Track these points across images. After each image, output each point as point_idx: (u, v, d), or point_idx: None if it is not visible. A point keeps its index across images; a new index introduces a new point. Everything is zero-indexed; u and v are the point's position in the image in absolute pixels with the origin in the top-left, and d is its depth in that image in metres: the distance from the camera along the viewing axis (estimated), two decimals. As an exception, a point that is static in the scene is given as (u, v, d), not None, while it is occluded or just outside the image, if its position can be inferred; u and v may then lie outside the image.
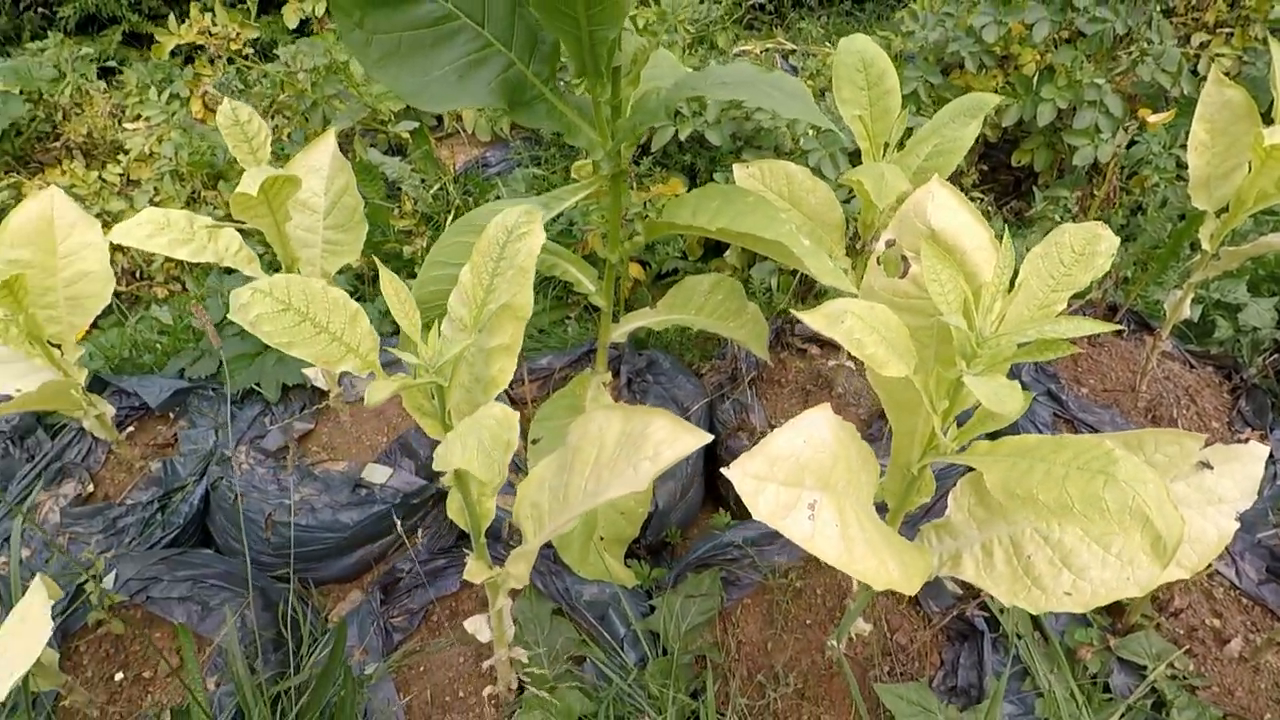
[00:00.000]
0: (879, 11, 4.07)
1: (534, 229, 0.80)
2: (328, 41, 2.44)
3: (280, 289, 0.77)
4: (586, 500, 0.96)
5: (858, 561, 0.78)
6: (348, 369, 0.79)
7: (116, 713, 1.38)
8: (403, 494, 1.66)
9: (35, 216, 1.52)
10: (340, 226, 1.63)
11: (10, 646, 0.92)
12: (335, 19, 1.10)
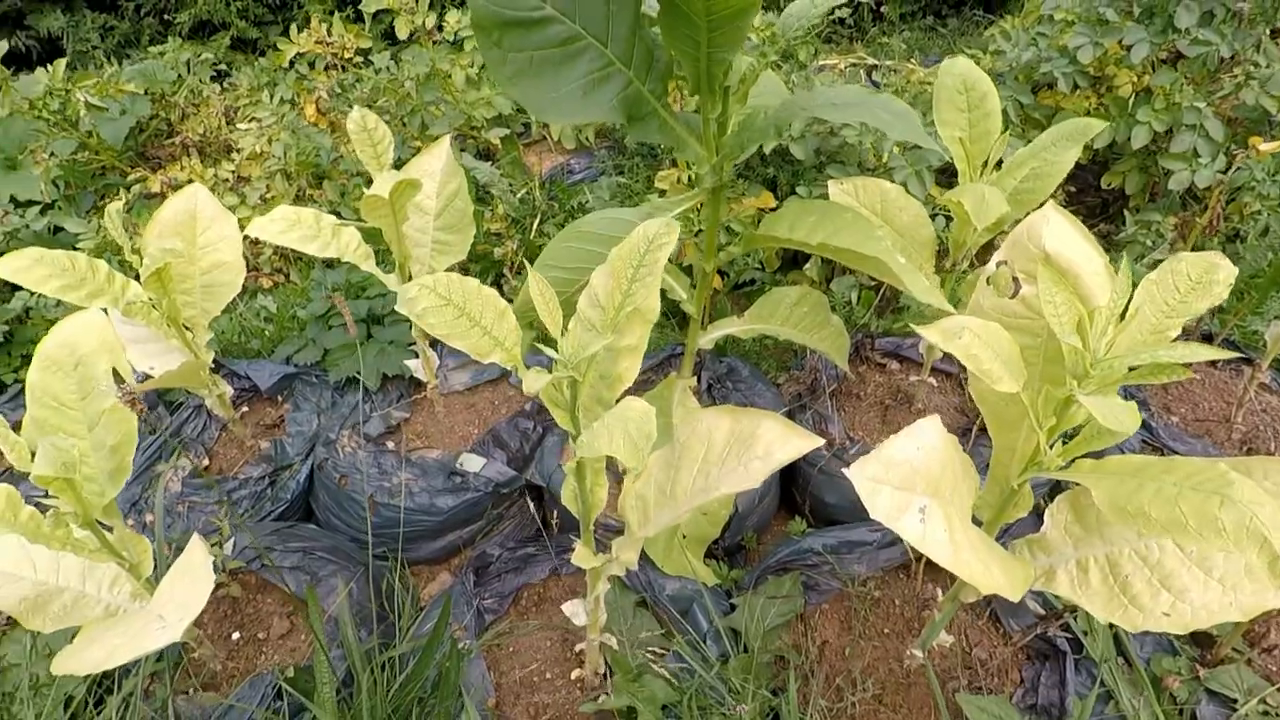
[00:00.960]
0: (962, 28, 4.04)
1: (673, 239, 0.87)
2: (431, 52, 2.57)
3: (443, 286, 0.85)
4: (696, 496, 1.02)
5: (966, 565, 0.82)
6: (495, 360, 0.86)
7: (235, 668, 1.49)
8: (494, 483, 1.75)
9: (180, 210, 1.66)
10: (450, 228, 1.73)
11: (178, 595, 1.02)
12: (476, 37, 1.19)
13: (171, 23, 4.45)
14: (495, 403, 2.03)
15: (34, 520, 1.07)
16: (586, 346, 0.85)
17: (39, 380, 1.09)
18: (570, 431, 0.96)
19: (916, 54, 3.61)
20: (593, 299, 0.98)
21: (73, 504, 1.07)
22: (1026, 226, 0.96)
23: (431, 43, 2.57)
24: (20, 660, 1.49)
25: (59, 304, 2.50)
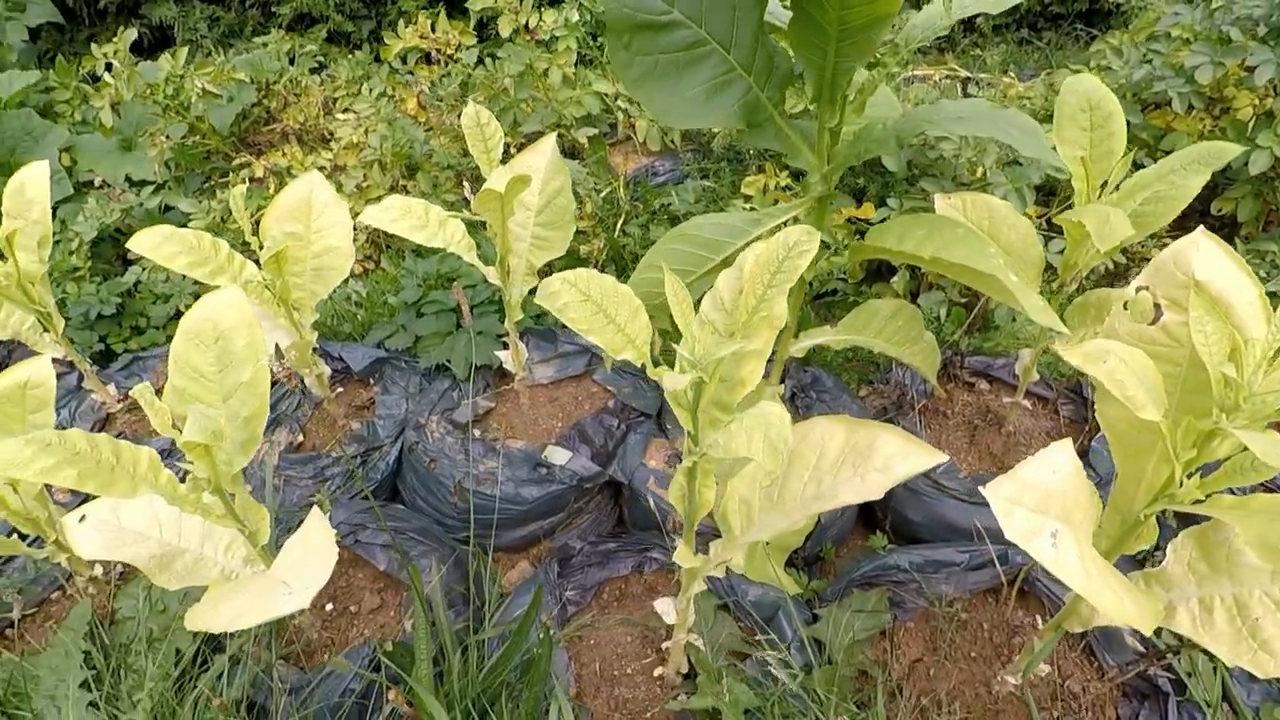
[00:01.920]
0: (1060, 42, 3.92)
1: (814, 246, 0.87)
2: (529, 50, 2.62)
3: (583, 282, 0.87)
4: (808, 505, 1.02)
5: (1098, 593, 0.80)
6: (627, 358, 0.88)
7: (328, 638, 1.55)
8: (579, 477, 1.77)
9: (298, 197, 1.73)
10: (551, 224, 1.76)
11: (300, 564, 1.07)
12: (607, 39, 1.22)
13: (274, 14, 4.64)
14: (578, 398, 2.06)
15: (170, 483, 1.14)
16: (716, 349, 0.86)
17: (181, 351, 1.16)
18: (690, 431, 0.97)
19: (1012, 67, 3.51)
20: (717, 302, 0.99)
21: (207, 470, 1.13)
22: (1173, 253, 0.93)
23: (531, 41, 2.63)
24: (133, 614, 1.58)
25: (166, 279, 2.64)
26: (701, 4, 1.25)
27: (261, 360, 1.14)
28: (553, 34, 2.74)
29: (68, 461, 1.02)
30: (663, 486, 1.80)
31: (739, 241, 1.45)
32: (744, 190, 2.62)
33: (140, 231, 1.59)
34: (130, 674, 1.44)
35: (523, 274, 1.81)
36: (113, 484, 1.05)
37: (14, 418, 1.35)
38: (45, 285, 1.85)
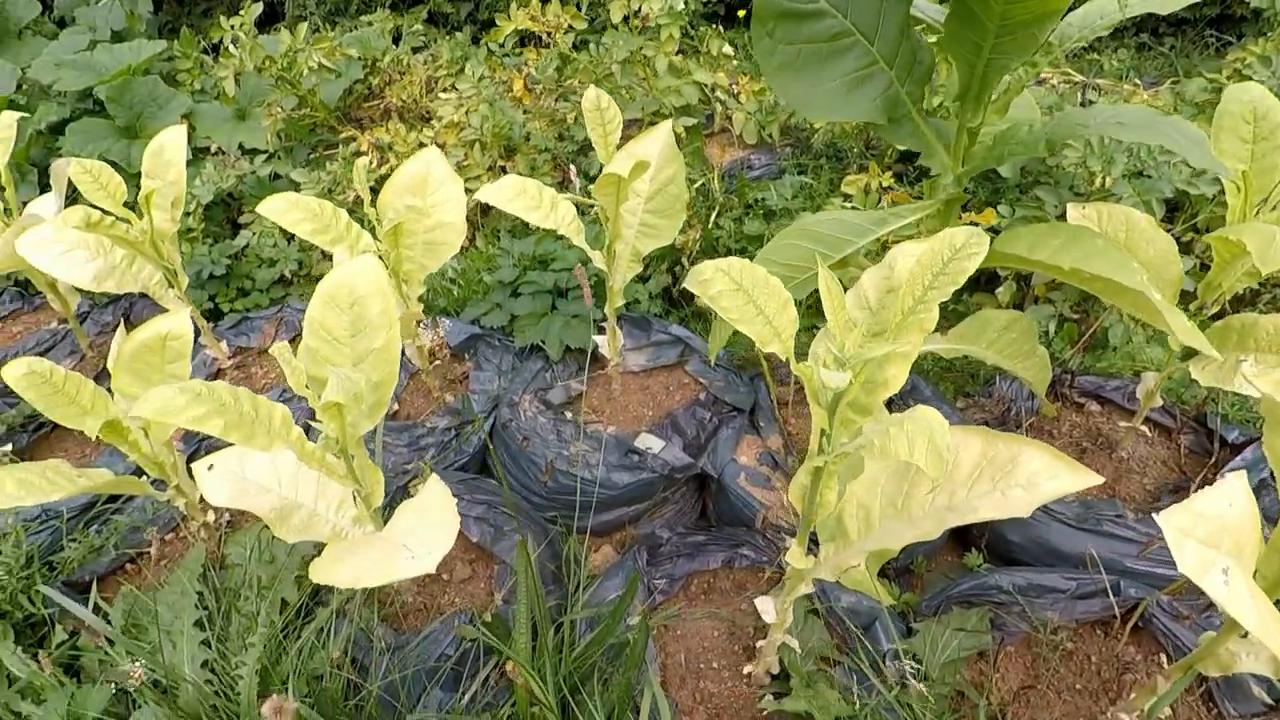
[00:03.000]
0: (1184, 48, 3.70)
1: (983, 249, 0.84)
2: (636, 37, 2.62)
3: (735, 270, 0.86)
4: (940, 516, 0.98)
5: (1273, 635, 0.75)
6: (773, 350, 0.87)
7: (420, 603, 1.59)
8: (671, 467, 1.77)
9: (416, 172, 1.77)
10: (660, 212, 1.76)
11: (420, 530, 1.10)
12: (753, 27, 1.20)
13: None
14: (670, 388, 2.05)
15: (300, 440, 1.18)
16: (868, 349, 0.84)
17: (317, 315, 1.19)
18: (825, 430, 0.95)
19: (1131, 73, 3.33)
20: (861, 300, 0.96)
21: (336, 431, 1.17)
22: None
23: (638, 28, 2.62)
24: (241, 561, 1.65)
25: (274, 244, 2.74)
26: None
27: (394, 328, 1.17)
28: (657, 22, 2.73)
29: (215, 412, 1.07)
30: (753, 484, 1.78)
31: (860, 240, 1.42)
32: (844, 189, 2.56)
33: (270, 197, 1.65)
34: (239, 617, 1.51)
35: (627, 260, 1.81)
36: (253, 436, 1.09)
37: (153, 366, 1.42)
38: (174, 244, 1.94)
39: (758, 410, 1.93)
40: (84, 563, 1.69)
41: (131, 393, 1.44)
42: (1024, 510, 0.89)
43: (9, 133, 1.98)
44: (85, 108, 3.28)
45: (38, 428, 2.09)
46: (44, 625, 1.61)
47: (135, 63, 3.28)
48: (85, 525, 1.77)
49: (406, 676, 1.35)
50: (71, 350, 2.42)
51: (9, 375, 1.38)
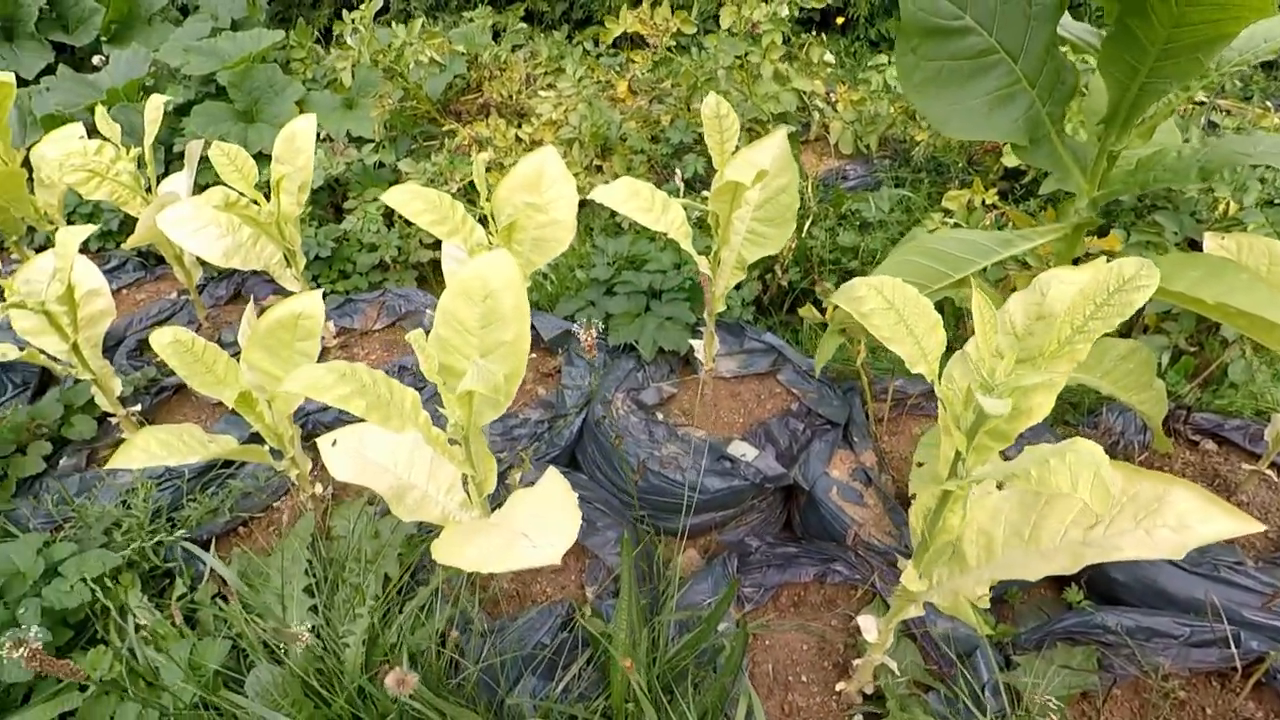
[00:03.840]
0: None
1: (1154, 282, 0.82)
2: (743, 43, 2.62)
3: (888, 289, 0.86)
4: (1076, 551, 0.96)
5: None
6: (920, 371, 0.86)
7: (513, 590, 1.63)
8: (764, 476, 1.77)
9: (532, 169, 1.81)
10: (769, 220, 1.75)
11: (539, 520, 1.13)
12: (897, 42, 1.19)
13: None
14: (760, 396, 2.05)
15: (427, 424, 1.22)
16: (1021, 377, 0.83)
17: (450, 305, 1.24)
18: (961, 454, 0.94)
19: (1256, 94, 3.16)
20: (1006, 325, 0.95)
21: (463, 419, 1.21)
22: None
23: (743, 34, 2.62)
24: (345, 534, 1.73)
25: (377, 231, 2.84)
26: (995, 11, 1.19)
27: (524, 323, 1.21)
28: (763, 28, 2.72)
29: (358, 392, 1.12)
30: (846, 499, 1.77)
31: (983, 261, 1.39)
32: (945, 204, 2.51)
33: (395, 187, 1.71)
34: (345, 588, 1.57)
35: (731, 267, 1.82)
36: (389, 418, 1.14)
37: (284, 342, 1.50)
38: (296, 226, 2.04)
39: (852, 425, 1.91)
40: (201, 522, 1.79)
41: (263, 366, 1.52)
42: (1175, 552, 0.86)
43: (157, 114, 2.12)
44: (208, 91, 3.47)
45: (159, 391, 2.22)
46: (165, 578, 1.72)
47: (255, 50, 3.44)
48: (202, 488, 1.87)
49: (505, 661, 1.39)
50: (189, 320, 2.56)
51: (157, 342, 1.47)
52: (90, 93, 3.42)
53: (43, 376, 2.35)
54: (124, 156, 2.12)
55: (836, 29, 4.50)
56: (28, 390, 2.30)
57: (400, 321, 2.44)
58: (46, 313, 1.71)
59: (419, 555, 1.65)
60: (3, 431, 1.93)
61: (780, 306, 2.61)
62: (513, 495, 1.30)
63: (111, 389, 1.92)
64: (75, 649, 1.56)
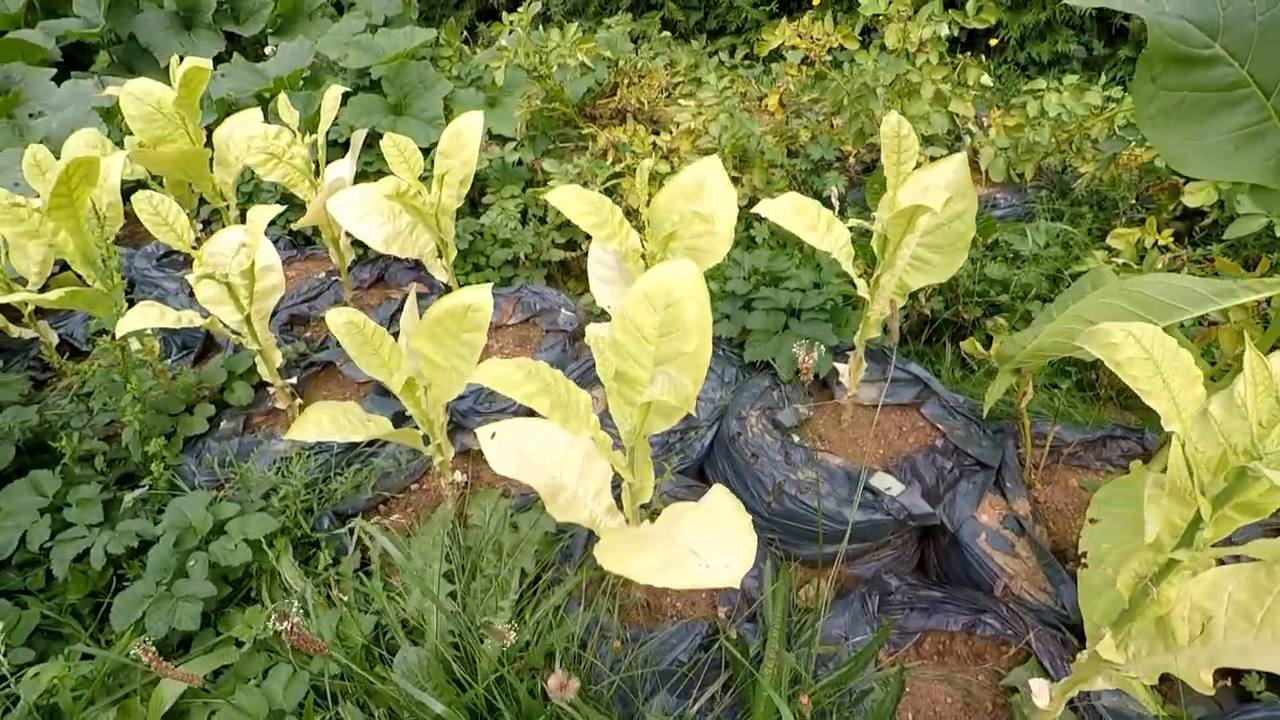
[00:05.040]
0: None
1: None
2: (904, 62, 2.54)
3: (1146, 338, 0.79)
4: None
5: None
6: (1174, 429, 0.79)
7: (645, 601, 1.62)
8: (908, 513, 1.69)
9: (694, 178, 1.80)
10: (938, 247, 1.68)
11: (711, 537, 1.10)
12: (1138, 68, 1.11)
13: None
14: (902, 428, 1.97)
15: (596, 427, 1.22)
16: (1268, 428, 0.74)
17: (630, 310, 1.23)
18: (1201, 521, 0.85)
19: None
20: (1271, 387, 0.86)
21: (635, 425, 1.20)
22: None
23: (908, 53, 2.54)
24: (480, 523, 1.76)
25: (513, 228, 2.91)
26: (1251, 40, 1.09)
27: (707, 334, 1.19)
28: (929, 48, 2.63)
29: (543, 391, 1.13)
30: (994, 547, 1.67)
31: (1195, 311, 1.28)
32: (1110, 241, 2.35)
33: (560, 188, 1.73)
34: (481, 578, 1.60)
35: (889, 292, 1.75)
36: (568, 420, 1.14)
37: (450, 332, 1.53)
38: (451, 219, 2.10)
39: (1005, 469, 1.80)
40: (345, 497, 1.86)
41: (426, 353, 1.57)
42: None
43: (334, 104, 2.23)
44: (361, 84, 3.65)
45: (308, 366, 2.33)
46: (310, 548, 1.79)
47: (408, 47, 3.60)
48: (346, 464, 1.95)
49: (644, 674, 1.37)
50: (335, 299, 2.68)
51: (332, 321, 1.54)
52: (258, 80, 3.66)
53: (205, 343, 2.51)
54: (299, 142, 2.25)
55: (982, 48, 4.32)
56: (191, 354, 2.47)
57: (534, 318, 2.48)
58: (229, 285, 1.81)
59: (554, 554, 1.66)
60: (175, 391, 2.06)
61: (918, 335, 2.51)
62: (671, 508, 1.28)
63: (273, 360, 2.02)
64: (232, 605, 1.64)
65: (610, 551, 1.14)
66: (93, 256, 1.86)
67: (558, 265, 3.08)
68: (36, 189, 1.90)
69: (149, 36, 4.13)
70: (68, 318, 2.67)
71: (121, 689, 1.48)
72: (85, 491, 1.73)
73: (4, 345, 2.46)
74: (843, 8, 4.38)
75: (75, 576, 1.69)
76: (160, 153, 2.37)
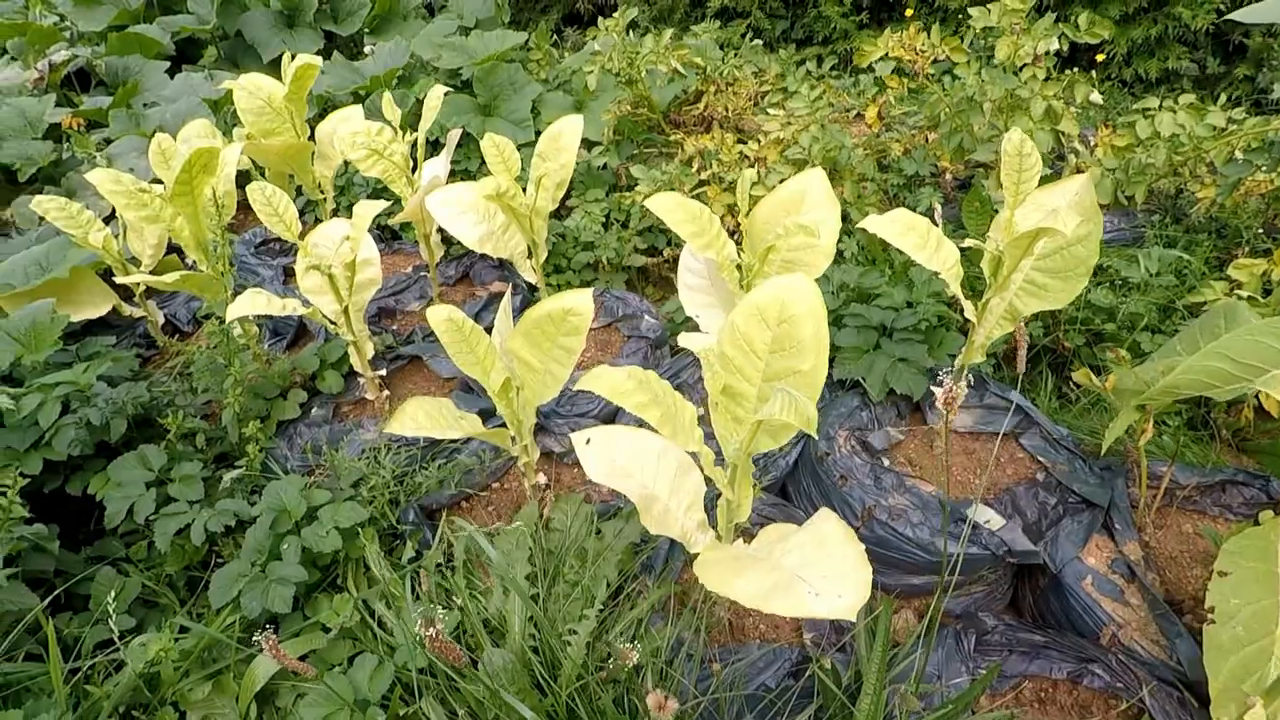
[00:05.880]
0: None
1: None
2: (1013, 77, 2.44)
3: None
4: None
5: None
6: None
7: (729, 620, 1.58)
8: (1008, 549, 1.61)
9: (795, 191, 1.76)
10: (1055, 272, 1.60)
11: (821, 565, 1.06)
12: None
13: (703, 4, 4.95)
14: (1000, 459, 1.88)
15: (700, 441, 1.20)
16: None
17: (740, 323, 1.20)
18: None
19: None
20: None
21: (743, 443, 1.17)
22: None
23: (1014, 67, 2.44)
24: (562, 527, 1.75)
25: (596, 231, 2.91)
26: None
27: (823, 353, 1.15)
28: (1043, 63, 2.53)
29: (653, 402, 1.11)
30: (1102, 592, 1.57)
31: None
32: (1231, 272, 2.20)
33: (660, 194, 1.72)
34: (564, 583, 1.59)
35: (998, 315, 1.68)
36: (676, 433, 1.12)
37: (548, 335, 1.53)
38: (545, 221, 2.11)
39: (1114, 509, 1.70)
40: (429, 491, 1.88)
41: (522, 354, 1.57)
42: None
43: (436, 103, 2.27)
44: (453, 84, 3.72)
45: (394, 358, 2.38)
46: (394, 539, 1.82)
47: (500, 50, 3.65)
48: (430, 458, 1.97)
49: (730, 696, 1.34)
50: (421, 295, 2.73)
51: (433, 317, 1.55)
52: (355, 78, 3.77)
53: (297, 330, 2.59)
54: (399, 139, 2.29)
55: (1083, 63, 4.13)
56: (283, 340, 2.54)
57: (616, 323, 2.47)
58: (331, 276, 1.86)
59: (635, 564, 1.64)
60: (271, 376, 2.13)
61: (1013, 362, 2.40)
62: (771, 529, 1.24)
63: (366, 351, 2.07)
64: (319, 590, 1.68)
65: (711, 570, 1.11)
66: (207, 242, 1.93)
67: (636, 271, 3.07)
68: (160, 175, 1.99)
69: (254, 33, 4.31)
70: (171, 298, 2.79)
71: (215, 664, 1.52)
72: (188, 469, 1.80)
73: (114, 323, 2.59)
74: (936, 18, 4.26)
75: (174, 550, 1.76)
76: (268, 145, 2.45)
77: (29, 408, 1.79)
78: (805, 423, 0.99)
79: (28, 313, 2.02)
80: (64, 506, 1.89)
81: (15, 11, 4.42)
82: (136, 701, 1.44)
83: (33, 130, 3.35)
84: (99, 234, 2.17)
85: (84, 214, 2.18)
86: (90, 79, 4.18)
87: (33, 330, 1.98)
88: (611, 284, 2.91)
